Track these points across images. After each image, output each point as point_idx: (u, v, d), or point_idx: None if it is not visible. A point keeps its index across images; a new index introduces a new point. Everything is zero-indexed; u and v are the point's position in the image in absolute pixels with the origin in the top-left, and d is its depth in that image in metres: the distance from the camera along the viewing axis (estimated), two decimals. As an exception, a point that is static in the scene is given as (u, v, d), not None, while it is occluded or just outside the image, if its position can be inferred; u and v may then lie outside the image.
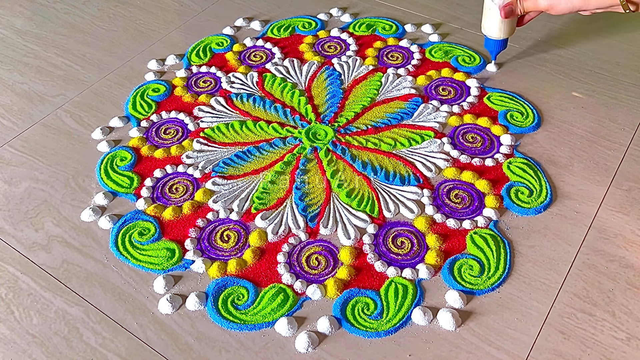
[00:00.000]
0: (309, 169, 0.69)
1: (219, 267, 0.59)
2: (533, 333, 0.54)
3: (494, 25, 0.73)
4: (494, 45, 0.76)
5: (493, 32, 0.74)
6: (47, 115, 0.79)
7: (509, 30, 0.74)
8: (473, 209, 0.64)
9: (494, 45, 0.76)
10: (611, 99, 0.78)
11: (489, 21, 0.73)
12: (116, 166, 0.71)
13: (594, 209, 0.64)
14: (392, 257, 0.60)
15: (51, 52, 0.90)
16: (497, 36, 0.74)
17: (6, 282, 0.59)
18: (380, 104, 0.78)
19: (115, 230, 0.63)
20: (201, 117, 0.77)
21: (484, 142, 0.72)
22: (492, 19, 0.72)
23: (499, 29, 0.73)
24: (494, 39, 0.75)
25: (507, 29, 0.73)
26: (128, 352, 0.53)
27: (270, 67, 0.85)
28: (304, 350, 0.53)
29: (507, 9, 0.69)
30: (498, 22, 0.72)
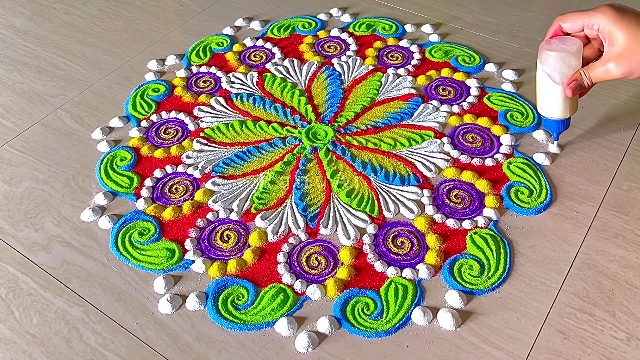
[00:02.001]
0: (309, 169, 0.69)
1: (219, 267, 0.59)
2: (533, 333, 0.53)
3: (556, 104, 0.61)
4: (556, 126, 0.64)
5: (555, 112, 0.62)
6: (47, 115, 0.79)
7: (573, 106, 0.62)
8: (473, 209, 0.64)
9: (557, 125, 0.64)
10: (611, 99, 0.78)
11: (549, 100, 0.62)
12: (116, 166, 0.71)
13: (594, 209, 0.64)
14: (392, 257, 0.60)
15: (51, 52, 0.90)
16: (561, 116, 0.62)
17: (6, 282, 0.59)
18: (380, 104, 0.78)
19: (115, 230, 0.63)
20: (201, 117, 0.77)
21: (484, 142, 0.72)
22: (553, 97, 0.61)
23: (562, 108, 0.61)
24: (557, 119, 0.63)
25: (572, 106, 0.62)
26: (128, 352, 0.53)
27: (270, 67, 0.85)
28: (304, 350, 0.53)
29: (574, 85, 0.57)
30: (560, 101, 0.60)
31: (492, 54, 0.86)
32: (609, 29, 0.53)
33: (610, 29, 0.53)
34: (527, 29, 0.91)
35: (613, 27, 0.52)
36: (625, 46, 0.52)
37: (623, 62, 0.52)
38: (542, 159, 0.69)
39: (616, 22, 0.52)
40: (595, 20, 0.54)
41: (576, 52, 0.57)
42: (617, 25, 0.52)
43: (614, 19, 0.52)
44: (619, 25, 0.52)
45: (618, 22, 0.52)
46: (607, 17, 0.53)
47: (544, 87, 0.61)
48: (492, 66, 0.83)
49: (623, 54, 0.52)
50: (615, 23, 0.52)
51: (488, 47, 0.87)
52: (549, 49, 0.58)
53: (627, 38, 0.52)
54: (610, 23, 0.52)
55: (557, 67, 0.58)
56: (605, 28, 0.53)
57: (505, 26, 0.92)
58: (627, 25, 0.52)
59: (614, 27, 0.52)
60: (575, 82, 0.57)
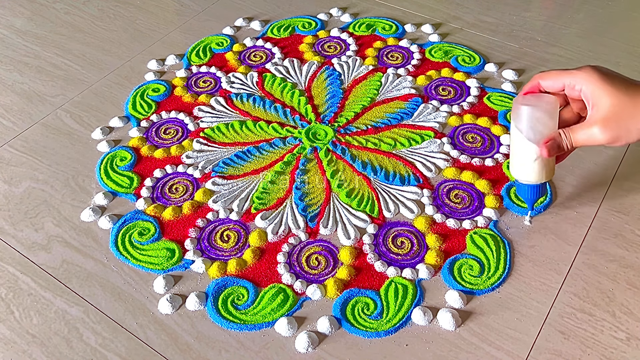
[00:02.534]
0: (309, 169, 0.69)
1: (219, 267, 0.59)
2: (533, 333, 0.54)
3: (530, 167, 0.54)
4: (530, 193, 0.57)
5: (529, 176, 0.55)
6: (47, 115, 0.79)
7: (550, 170, 0.55)
8: (473, 209, 0.64)
9: (531, 192, 0.57)
10: (611, 99, 0.78)
11: (522, 161, 0.55)
12: (116, 166, 0.71)
13: (594, 209, 0.64)
14: (392, 257, 0.60)
15: (51, 52, 0.90)
16: (536, 180, 0.55)
17: (6, 282, 0.59)
18: (380, 104, 0.78)
19: (115, 230, 0.63)
20: (201, 117, 0.77)
21: (484, 142, 0.72)
22: (527, 158, 0.54)
23: (537, 171, 0.54)
24: (531, 183, 0.56)
25: (548, 170, 0.55)
26: (128, 352, 0.53)
27: (270, 67, 0.85)
28: (304, 350, 0.53)
29: (551, 144, 0.52)
30: (536, 163, 0.54)
31: (492, 54, 0.86)
32: (593, 92, 0.49)
33: (594, 92, 0.49)
34: (527, 29, 0.91)
35: (598, 89, 0.48)
36: (611, 111, 0.48)
37: (610, 126, 0.48)
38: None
39: (601, 85, 0.48)
40: (578, 81, 0.50)
41: (553, 109, 0.52)
42: (602, 88, 0.48)
43: (599, 82, 0.48)
44: (605, 89, 0.48)
45: (603, 85, 0.48)
46: (591, 79, 0.49)
47: (517, 147, 0.55)
48: (492, 66, 0.83)
49: (610, 118, 0.48)
50: (600, 86, 0.48)
51: (488, 47, 0.87)
52: (524, 104, 0.53)
53: (613, 102, 0.48)
54: (595, 86, 0.48)
55: (532, 125, 0.52)
56: (588, 90, 0.49)
57: (505, 26, 0.92)
58: (613, 89, 0.48)
59: (598, 90, 0.48)
60: (552, 142, 0.52)
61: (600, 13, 0.95)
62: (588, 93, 0.49)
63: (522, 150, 0.54)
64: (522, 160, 0.55)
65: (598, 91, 0.48)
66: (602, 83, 0.48)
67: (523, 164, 0.55)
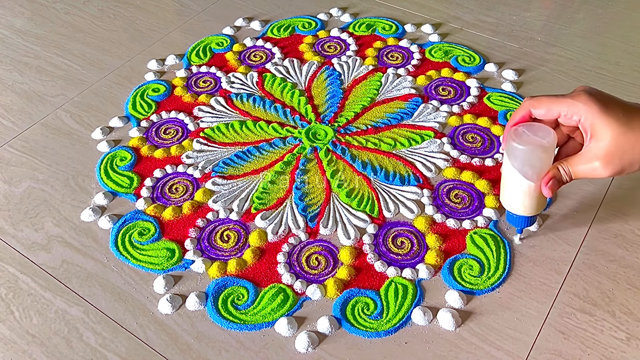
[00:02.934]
0: (309, 169, 0.69)
1: (219, 267, 0.59)
2: (533, 333, 0.53)
3: (523, 201, 0.53)
4: (521, 222, 0.56)
5: (523, 210, 0.54)
6: (47, 115, 0.79)
7: (542, 202, 0.54)
8: (473, 209, 0.64)
9: (522, 221, 0.56)
10: (611, 99, 0.78)
11: (516, 196, 0.53)
12: (116, 166, 0.71)
13: (594, 209, 0.64)
14: (392, 257, 0.60)
15: (51, 52, 0.90)
16: (529, 213, 0.54)
17: (6, 282, 0.59)
18: (380, 104, 0.78)
19: (115, 230, 0.63)
20: (201, 117, 0.77)
21: (484, 142, 0.72)
22: (521, 193, 0.52)
23: (530, 205, 0.53)
24: (524, 215, 0.55)
25: (540, 202, 0.53)
26: (128, 352, 0.53)
27: (270, 67, 0.85)
28: (304, 350, 0.53)
29: (552, 184, 0.50)
30: (530, 198, 0.52)
31: (492, 54, 0.86)
32: (593, 123, 0.46)
33: (594, 124, 0.46)
34: (527, 29, 0.91)
35: (598, 121, 0.46)
36: (612, 145, 0.45)
37: (613, 161, 0.46)
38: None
39: (601, 116, 0.45)
40: (576, 112, 0.47)
41: (551, 146, 0.49)
42: (602, 119, 0.45)
43: (599, 112, 0.46)
44: (605, 119, 0.45)
45: (603, 115, 0.45)
46: (590, 108, 0.46)
47: (511, 183, 0.52)
48: (492, 66, 0.83)
49: (612, 153, 0.46)
50: (600, 116, 0.45)
51: (488, 47, 0.87)
52: (519, 142, 0.49)
53: (614, 135, 0.45)
54: (595, 115, 0.46)
55: (529, 162, 0.50)
56: (588, 122, 0.46)
57: (505, 26, 0.92)
58: (614, 120, 0.45)
59: (599, 122, 0.46)
60: (554, 181, 0.49)
61: (600, 13, 0.95)
62: (587, 124, 0.47)
63: (516, 185, 0.52)
64: (515, 194, 0.53)
65: (598, 123, 0.46)
66: (602, 114, 0.46)
67: (516, 197, 0.53)
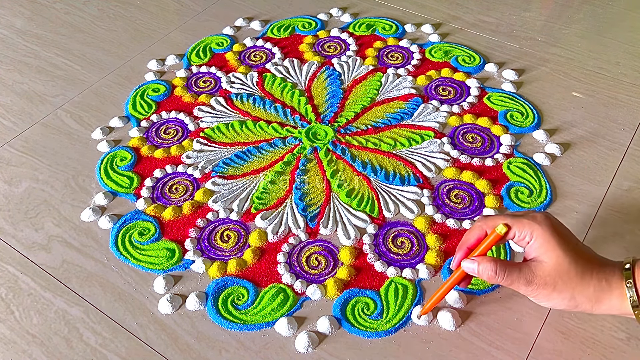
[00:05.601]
0: (309, 169, 0.69)
1: (219, 267, 0.59)
2: (533, 333, 0.53)
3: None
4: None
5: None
6: (47, 115, 0.79)
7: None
8: (473, 209, 0.64)
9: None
10: (611, 99, 0.78)
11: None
12: (116, 166, 0.71)
13: (594, 209, 0.64)
14: (392, 257, 0.60)
15: (51, 52, 0.90)
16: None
17: (6, 282, 0.59)
18: (380, 104, 0.78)
19: (115, 230, 0.63)
20: (201, 117, 0.77)
21: (484, 142, 0.72)
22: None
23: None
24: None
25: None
26: (128, 352, 0.53)
27: (270, 67, 0.85)
28: (304, 350, 0.53)
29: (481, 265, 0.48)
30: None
31: (492, 54, 0.86)
32: (543, 242, 0.46)
33: (544, 243, 0.46)
34: (527, 29, 0.91)
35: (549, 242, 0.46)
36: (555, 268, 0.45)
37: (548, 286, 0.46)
38: (542, 159, 0.69)
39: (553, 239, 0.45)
40: (529, 231, 0.46)
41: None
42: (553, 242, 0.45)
43: (551, 235, 0.46)
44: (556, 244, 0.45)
45: (556, 239, 0.45)
46: (545, 230, 0.46)
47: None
48: (492, 66, 0.83)
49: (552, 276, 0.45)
50: (552, 239, 0.46)
51: (488, 47, 0.87)
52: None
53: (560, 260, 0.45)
54: (547, 238, 0.46)
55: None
56: (538, 241, 0.46)
57: (505, 26, 0.92)
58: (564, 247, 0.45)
59: (549, 244, 0.46)
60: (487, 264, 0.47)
61: (600, 13, 0.95)
62: (537, 244, 0.46)
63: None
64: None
65: (549, 245, 0.46)
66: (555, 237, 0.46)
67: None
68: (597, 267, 0.45)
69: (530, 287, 0.46)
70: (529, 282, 0.46)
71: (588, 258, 0.46)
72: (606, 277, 0.45)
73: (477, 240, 0.49)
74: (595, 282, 0.45)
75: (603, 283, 0.45)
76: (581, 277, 0.45)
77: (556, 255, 0.45)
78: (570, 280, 0.45)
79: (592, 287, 0.45)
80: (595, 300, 0.45)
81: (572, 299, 0.45)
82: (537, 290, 0.46)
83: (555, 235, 0.45)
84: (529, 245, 0.47)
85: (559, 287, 0.45)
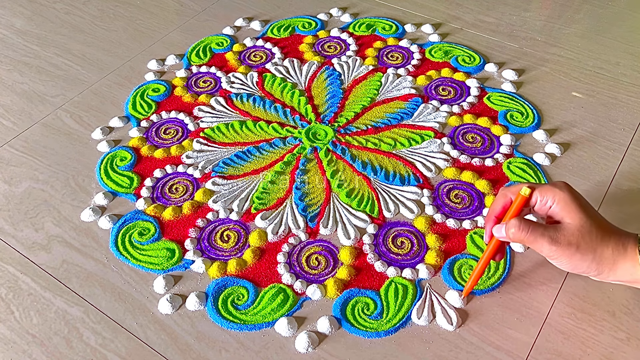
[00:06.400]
0: (309, 169, 0.69)
1: (219, 267, 0.59)
2: (533, 333, 0.53)
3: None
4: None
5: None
6: (47, 115, 0.79)
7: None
8: (473, 209, 0.64)
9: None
10: (611, 99, 0.78)
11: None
12: (116, 166, 0.71)
13: (594, 208, 0.64)
14: (392, 257, 0.60)
15: (51, 52, 0.90)
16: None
17: (6, 282, 0.59)
18: (380, 104, 0.78)
19: (115, 230, 0.63)
20: (201, 117, 0.77)
21: (484, 142, 0.72)
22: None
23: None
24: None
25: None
26: (128, 352, 0.53)
27: (270, 67, 0.85)
28: (304, 350, 0.53)
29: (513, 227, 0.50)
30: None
31: (492, 54, 0.86)
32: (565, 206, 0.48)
33: (566, 206, 0.48)
34: (527, 29, 0.91)
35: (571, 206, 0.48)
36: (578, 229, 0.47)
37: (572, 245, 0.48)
38: (542, 159, 0.69)
39: (574, 203, 0.48)
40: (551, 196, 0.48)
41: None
42: (575, 205, 0.48)
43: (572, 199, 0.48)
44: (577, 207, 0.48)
45: (576, 203, 0.48)
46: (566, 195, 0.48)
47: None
48: (492, 66, 0.83)
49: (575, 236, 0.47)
50: (573, 203, 0.48)
51: (488, 47, 0.87)
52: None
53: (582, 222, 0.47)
54: (568, 202, 0.48)
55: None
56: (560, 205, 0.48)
57: (505, 26, 0.92)
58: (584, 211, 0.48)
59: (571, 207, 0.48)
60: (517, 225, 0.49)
61: (600, 13, 0.95)
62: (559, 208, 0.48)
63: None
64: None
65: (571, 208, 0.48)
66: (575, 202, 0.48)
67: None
68: (615, 232, 0.48)
69: (554, 246, 0.47)
70: (554, 241, 0.47)
71: (606, 224, 0.48)
72: (622, 242, 0.47)
73: (503, 208, 0.51)
74: (613, 244, 0.47)
75: (620, 247, 0.47)
76: (601, 238, 0.47)
77: (579, 217, 0.47)
78: (592, 241, 0.47)
79: (610, 249, 0.47)
80: (612, 263, 0.47)
81: (594, 260, 0.47)
82: (561, 250, 0.47)
83: (575, 199, 0.48)
84: (551, 209, 0.49)
85: (582, 247, 0.47)
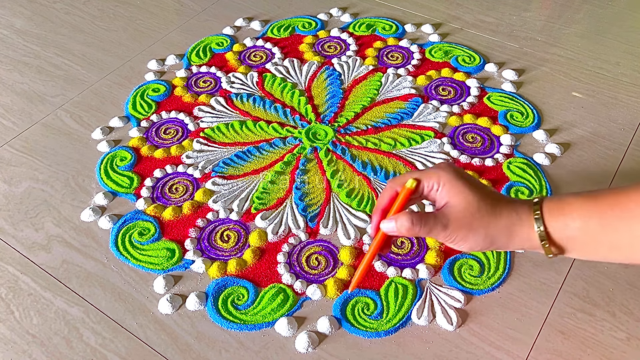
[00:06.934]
0: (309, 169, 0.69)
1: (219, 267, 0.59)
2: (533, 333, 0.53)
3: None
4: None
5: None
6: (47, 115, 0.79)
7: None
8: (473, 209, 0.64)
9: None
10: (611, 99, 0.78)
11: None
12: (116, 166, 0.71)
13: (594, 209, 0.64)
14: (392, 257, 0.60)
15: (51, 52, 0.90)
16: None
17: (6, 282, 0.59)
18: (380, 104, 0.78)
19: (115, 230, 0.63)
20: (201, 117, 0.77)
21: (484, 142, 0.72)
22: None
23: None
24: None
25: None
26: (128, 352, 0.53)
27: (270, 67, 0.85)
28: (304, 350, 0.53)
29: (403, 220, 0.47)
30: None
31: (492, 54, 0.86)
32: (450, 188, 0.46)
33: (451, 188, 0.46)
34: (527, 29, 0.91)
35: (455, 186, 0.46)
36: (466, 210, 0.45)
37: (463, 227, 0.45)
38: (542, 159, 0.69)
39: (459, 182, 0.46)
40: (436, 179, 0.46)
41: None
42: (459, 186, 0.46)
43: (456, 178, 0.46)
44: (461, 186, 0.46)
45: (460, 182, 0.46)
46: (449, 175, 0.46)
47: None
48: (492, 66, 0.83)
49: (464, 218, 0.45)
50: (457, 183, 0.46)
51: (488, 47, 0.87)
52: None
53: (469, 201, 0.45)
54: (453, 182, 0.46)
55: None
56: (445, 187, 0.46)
57: (505, 26, 0.92)
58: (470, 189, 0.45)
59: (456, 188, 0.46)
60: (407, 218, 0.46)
61: (600, 13, 0.95)
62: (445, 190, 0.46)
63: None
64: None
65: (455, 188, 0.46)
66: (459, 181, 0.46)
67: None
68: (505, 202, 0.45)
69: (447, 231, 0.45)
70: (445, 227, 0.45)
71: (495, 195, 0.46)
72: (516, 210, 0.45)
73: (389, 200, 0.48)
74: (506, 214, 0.45)
75: (514, 215, 0.45)
76: (492, 212, 0.45)
77: (464, 196, 0.45)
78: (482, 218, 0.45)
79: (503, 220, 0.45)
80: (508, 234, 0.45)
81: (487, 236, 0.45)
82: (455, 233, 0.45)
83: (459, 178, 0.46)
84: (438, 193, 0.46)
85: (474, 226, 0.45)
